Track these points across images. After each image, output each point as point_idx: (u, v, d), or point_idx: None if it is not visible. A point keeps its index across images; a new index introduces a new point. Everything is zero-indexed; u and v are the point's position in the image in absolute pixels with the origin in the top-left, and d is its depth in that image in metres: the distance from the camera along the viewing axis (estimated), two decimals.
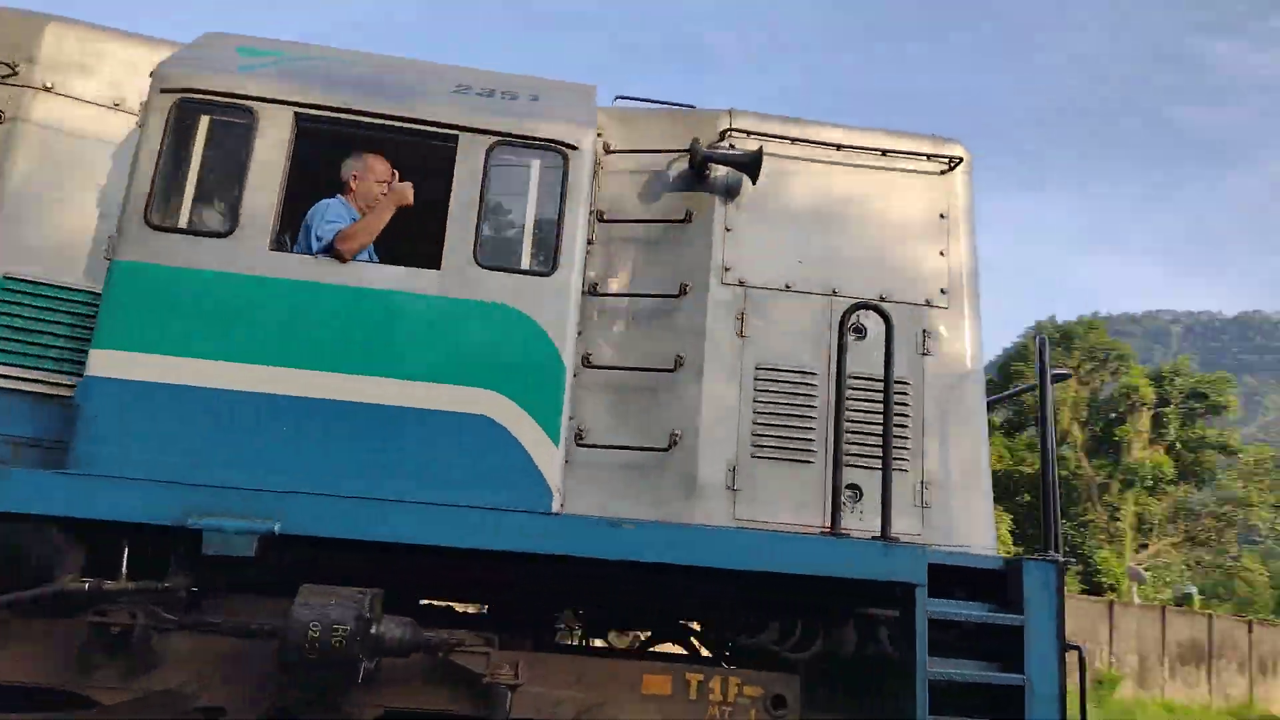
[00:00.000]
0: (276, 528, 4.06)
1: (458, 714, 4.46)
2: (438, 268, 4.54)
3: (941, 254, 5.28)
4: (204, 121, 4.62)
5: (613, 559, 4.21)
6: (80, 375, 4.62)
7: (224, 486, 4.12)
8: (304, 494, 4.14)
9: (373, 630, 4.09)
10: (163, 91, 4.58)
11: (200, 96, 4.59)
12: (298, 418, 4.31)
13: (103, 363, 4.25)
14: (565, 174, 4.72)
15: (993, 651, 4.45)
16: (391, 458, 4.32)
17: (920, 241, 5.28)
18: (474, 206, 4.60)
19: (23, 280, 4.75)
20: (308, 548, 4.23)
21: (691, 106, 5.65)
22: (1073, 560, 29.26)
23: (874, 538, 4.45)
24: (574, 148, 4.74)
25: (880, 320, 4.73)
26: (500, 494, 4.30)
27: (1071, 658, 4.47)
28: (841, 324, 4.68)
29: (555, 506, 4.37)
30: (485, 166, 4.66)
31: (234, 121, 4.61)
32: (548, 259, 4.63)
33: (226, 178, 4.58)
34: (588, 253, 4.93)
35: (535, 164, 4.76)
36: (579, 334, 4.79)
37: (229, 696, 4.34)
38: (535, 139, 4.73)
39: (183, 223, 4.50)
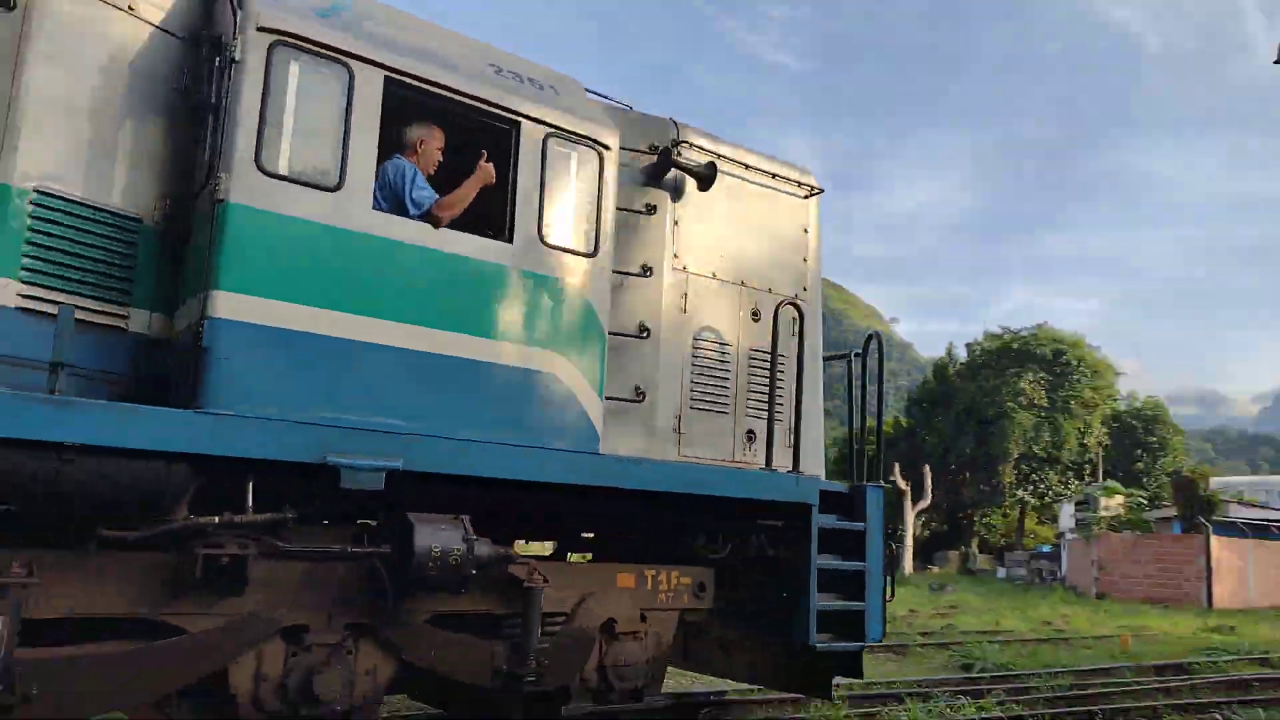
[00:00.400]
0: (400, 465, 4.63)
1: (490, 613, 5.40)
2: (506, 239, 5.23)
3: (804, 260, 7.11)
4: (295, 66, 4.67)
5: (648, 489, 5.46)
6: (120, 305, 4.57)
7: (358, 428, 4.54)
8: (426, 437, 4.73)
9: (474, 550, 4.89)
10: (259, 30, 4.55)
11: (296, 42, 4.65)
12: (401, 367, 4.81)
13: (227, 305, 4.32)
14: (601, 169, 5.63)
15: (838, 548, 6.54)
16: (475, 405, 5.03)
17: (792, 250, 7.05)
18: (536, 189, 5.34)
19: (58, 197, 4.42)
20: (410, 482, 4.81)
21: (629, 107, 6.69)
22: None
23: (789, 472, 6.25)
24: (608, 147, 5.66)
25: (786, 308, 6.47)
26: (563, 438, 5.27)
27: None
28: (775, 314, 6.32)
29: (601, 449, 5.45)
30: (543, 154, 5.38)
31: (328, 74, 4.74)
32: (590, 242, 5.55)
33: (324, 129, 4.72)
34: None
35: (574, 155, 5.56)
36: None
37: (310, 615, 4.80)
38: (580, 135, 5.55)
39: (283, 169, 4.59)
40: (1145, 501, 38.18)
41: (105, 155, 4.61)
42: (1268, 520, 38.88)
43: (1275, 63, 9.47)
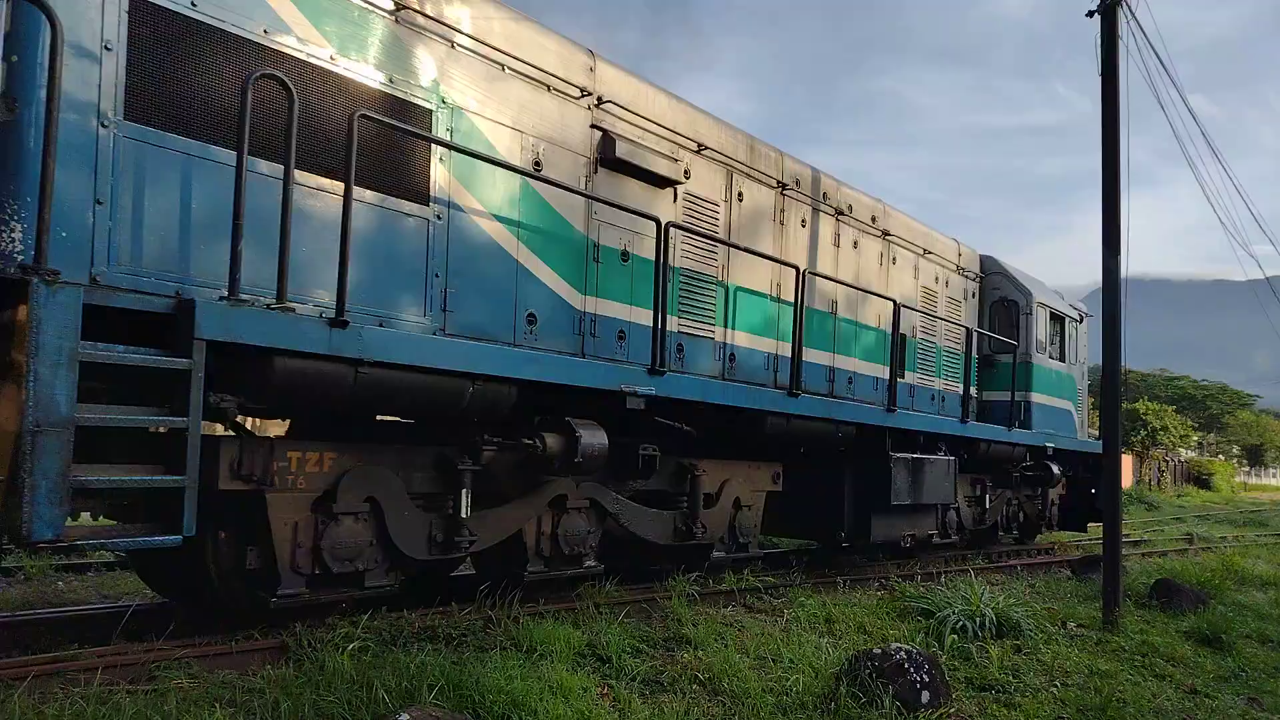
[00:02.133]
0: (1054, 445, 13.94)
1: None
2: (1062, 360, 14.58)
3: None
4: (1039, 311, 13.70)
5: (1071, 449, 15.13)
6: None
7: (1048, 433, 13.82)
8: (1057, 434, 14.08)
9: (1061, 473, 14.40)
10: (1037, 303, 13.57)
11: (1041, 303, 13.70)
12: (1054, 413, 14.11)
13: (1035, 397, 13.48)
14: (1045, 318, 15.03)
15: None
16: (1059, 423, 14.40)
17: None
18: (1052, 337, 14.67)
19: (955, 350, 13.34)
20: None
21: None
22: None
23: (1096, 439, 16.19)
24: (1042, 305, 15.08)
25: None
26: (1075, 434, 14.79)
27: None
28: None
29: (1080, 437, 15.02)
30: (1043, 318, 14.69)
31: (1045, 311, 13.82)
32: (1077, 358, 14.98)
33: (1044, 332, 13.81)
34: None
35: (1066, 321, 14.90)
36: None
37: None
38: (1044, 304, 14.87)
39: (1040, 348, 13.65)
40: None
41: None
42: None
43: None
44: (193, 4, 5.07)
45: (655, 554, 8.47)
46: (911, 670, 5.49)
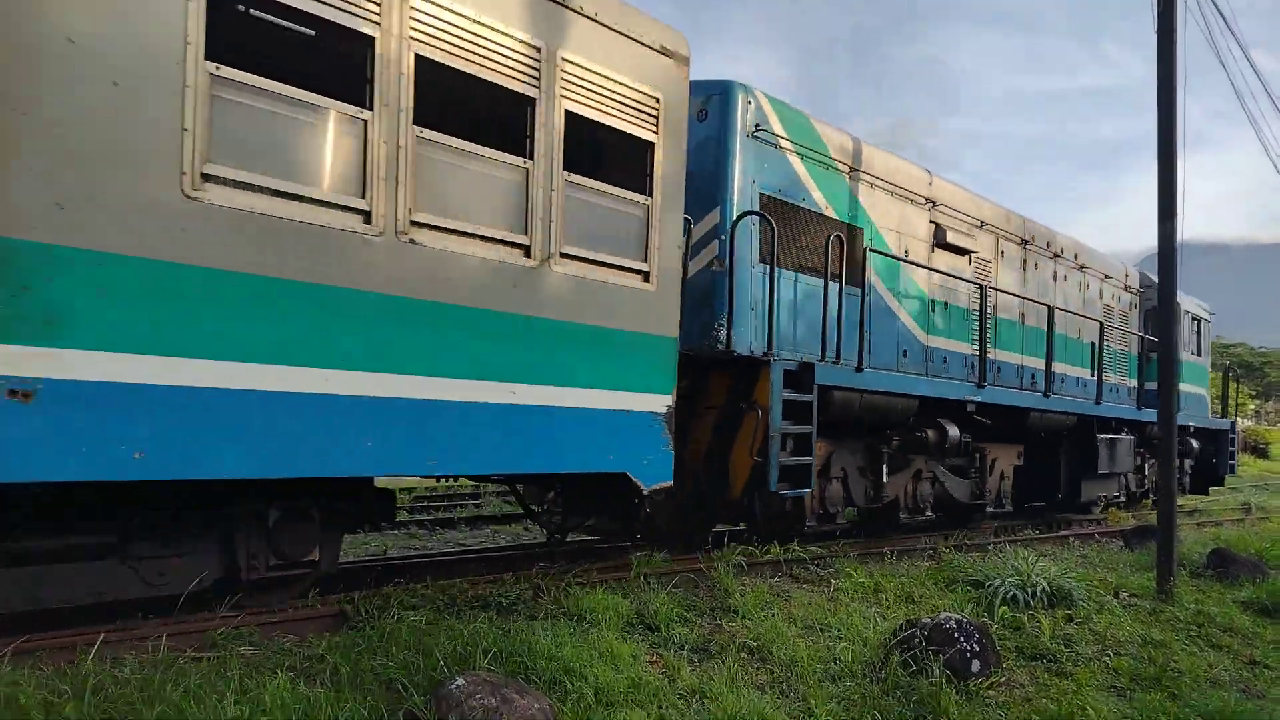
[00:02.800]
0: (1195, 423, 17.43)
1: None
2: (1198, 354, 18.01)
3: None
4: (1195, 324, 17.15)
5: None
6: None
7: (1185, 413, 17.31)
8: (1197, 415, 17.54)
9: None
10: (1186, 312, 17.03)
11: (1187, 313, 17.16)
12: (1189, 397, 17.56)
13: (1183, 388, 16.97)
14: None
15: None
16: (1193, 404, 17.86)
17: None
18: (1191, 335, 18.08)
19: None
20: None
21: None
22: None
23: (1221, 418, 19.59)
24: (1186, 311, 18.48)
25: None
26: (1205, 413, 18.24)
27: None
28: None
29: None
30: (1187, 321, 18.09)
31: (1192, 320, 17.28)
32: (1200, 349, 18.38)
33: (1190, 341, 17.26)
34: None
35: (1185, 318, 18.31)
36: None
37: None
38: (1187, 311, 18.26)
39: (1190, 350, 17.09)
40: None
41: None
42: None
43: None
44: (779, 191, 8.93)
45: (952, 511, 12.22)
46: (962, 639, 5.47)
